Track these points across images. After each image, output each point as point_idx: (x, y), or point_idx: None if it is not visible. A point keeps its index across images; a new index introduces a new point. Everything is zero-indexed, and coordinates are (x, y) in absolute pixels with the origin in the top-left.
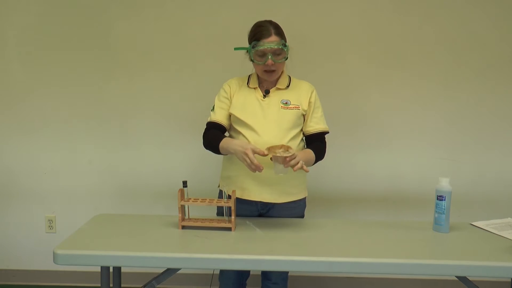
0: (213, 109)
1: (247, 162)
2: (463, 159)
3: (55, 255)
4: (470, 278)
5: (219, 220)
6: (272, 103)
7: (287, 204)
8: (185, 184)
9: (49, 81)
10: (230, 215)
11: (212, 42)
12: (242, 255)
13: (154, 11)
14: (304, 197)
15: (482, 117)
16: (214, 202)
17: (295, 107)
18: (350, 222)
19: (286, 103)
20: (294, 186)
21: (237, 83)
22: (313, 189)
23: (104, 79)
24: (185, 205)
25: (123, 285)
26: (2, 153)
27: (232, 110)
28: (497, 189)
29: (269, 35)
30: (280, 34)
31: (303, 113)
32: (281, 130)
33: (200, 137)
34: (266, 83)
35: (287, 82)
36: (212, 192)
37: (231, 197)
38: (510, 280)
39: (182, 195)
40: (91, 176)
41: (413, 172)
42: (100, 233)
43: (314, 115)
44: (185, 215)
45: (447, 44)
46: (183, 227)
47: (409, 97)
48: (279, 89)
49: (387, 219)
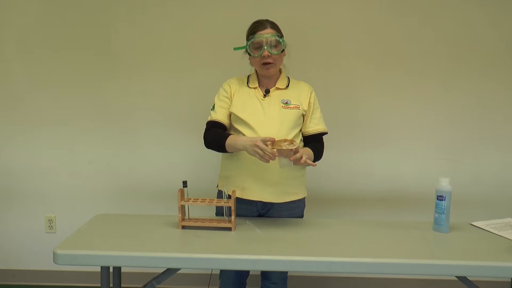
0: (213, 109)
1: (259, 153)
2: (463, 159)
3: (55, 255)
4: (470, 278)
5: (219, 220)
6: (272, 103)
7: (286, 204)
8: (185, 184)
9: (49, 81)
10: (230, 215)
11: (212, 42)
12: (242, 255)
13: (154, 11)
14: (303, 197)
15: (482, 117)
16: (214, 202)
17: (296, 107)
18: (350, 222)
19: (286, 102)
20: (293, 186)
21: (237, 83)
22: (313, 189)
23: (104, 79)
24: (185, 205)
25: (123, 285)
26: (2, 153)
27: (232, 109)
28: (497, 189)
29: (265, 28)
30: (275, 28)
31: (303, 113)
32: (282, 129)
33: (200, 137)
34: (265, 83)
35: (286, 82)
36: (212, 192)
37: (231, 197)
38: (510, 280)
39: (182, 195)
40: (91, 176)
41: (413, 172)
42: (100, 233)
43: (313, 115)
44: (185, 215)
45: (447, 44)
46: (183, 227)
47: (409, 97)
48: (278, 88)
49: (387, 219)
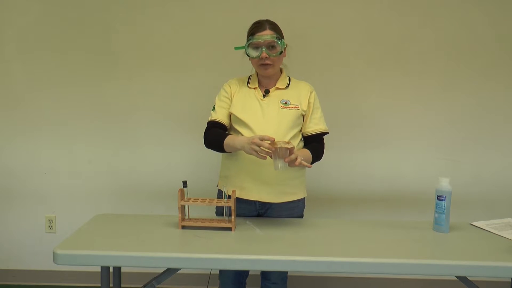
0: (213, 109)
1: (256, 150)
2: (463, 159)
3: (55, 255)
4: (470, 278)
5: (219, 220)
6: (271, 103)
7: (285, 204)
8: (185, 184)
9: (49, 81)
10: (230, 215)
11: (212, 42)
12: (242, 255)
13: (154, 11)
14: (303, 198)
15: (482, 117)
16: (214, 202)
17: (295, 107)
18: (350, 222)
19: (285, 103)
20: (292, 186)
21: (237, 83)
22: (313, 189)
23: (104, 79)
24: (185, 205)
25: (123, 285)
26: (2, 153)
27: (232, 109)
28: (497, 189)
29: (264, 29)
30: (275, 29)
31: (303, 113)
32: (280, 129)
33: (200, 137)
34: (265, 83)
35: (286, 82)
36: (212, 192)
37: (231, 197)
38: (510, 280)
39: (182, 195)
40: (91, 176)
41: (413, 172)
42: (100, 233)
43: (313, 116)
44: (185, 215)
45: (447, 44)
46: (183, 227)
47: (409, 97)
48: (278, 89)
49: (387, 219)
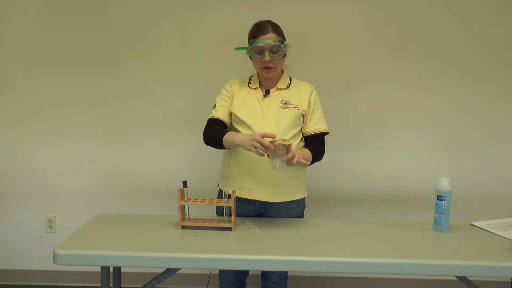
0: (214, 107)
1: (256, 146)
2: (463, 159)
3: (55, 255)
4: (470, 278)
5: (219, 220)
6: (271, 103)
7: (285, 204)
8: (185, 184)
9: (49, 81)
10: (230, 215)
11: (212, 42)
12: (242, 255)
13: (154, 11)
14: (303, 198)
15: (482, 117)
16: (214, 202)
17: (295, 107)
18: (350, 222)
19: (286, 103)
20: (292, 186)
21: (239, 83)
22: (313, 189)
23: (104, 79)
24: (185, 205)
25: (123, 285)
26: (2, 153)
27: (232, 109)
28: (497, 189)
29: (267, 32)
30: (277, 32)
31: (303, 113)
32: (280, 129)
33: (200, 137)
34: (266, 83)
35: (287, 82)
36: (212, 192)
37: (231, 196)
38: (510, 280)
39: (182, 195)
40: (91, 176)
41: (413, 172)
42: (100, 233)
43: (313, 116)
44: (185, 215)
45: (447, 44)
46: (183, 227)
47: (409, 97)
48: (279, 89)
49: (387, 219)
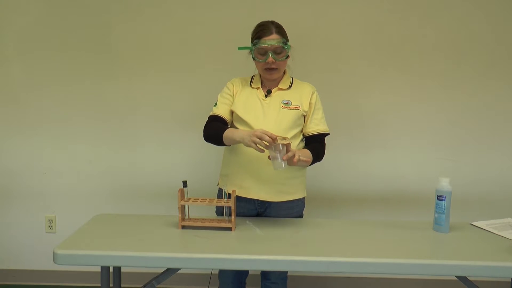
0: (215, 105)
1: (256, 142)
2: (463, 159)
3: (55, 255)
4: (470, 278)
5: (219, 220)
6: (273, 103)
7: (284, 203)
8: (185, 184)
9: (49, 81)
10: (230, 215)
11: (212, 42)
12: (242, 255)
13: (154, 11)
14: (302, 197)
15: (482, 117)
16: (214, 202)
17: (296, 107)
18: (350, 222)
19: (287, 103)
20: (292, 186)
21: (240, 83)
22: (313, 189)
23: (104, 79)
24: (185, 205)
25: (123, 285)
26: (2, 153)
27: (234, 108)
28: (497, 189)
29: (270, 34)
30: (281, 33)
31: (304, 113)
32: (281, 129)
33: (200, 137)
34: (268, 83)
35: (289, 82)
36: (212, 192)
37: (231, 196)
38: (510, 280)
39: (182, 195)
40: (91, 176)
41: (413, 172)
42: (100, 233)
43: (314, 116)
44: (185, 215)
45: (447, 44)
46: (183, 227)
47: (409, 97)
48: (281, 89)
49: (387, 219)
